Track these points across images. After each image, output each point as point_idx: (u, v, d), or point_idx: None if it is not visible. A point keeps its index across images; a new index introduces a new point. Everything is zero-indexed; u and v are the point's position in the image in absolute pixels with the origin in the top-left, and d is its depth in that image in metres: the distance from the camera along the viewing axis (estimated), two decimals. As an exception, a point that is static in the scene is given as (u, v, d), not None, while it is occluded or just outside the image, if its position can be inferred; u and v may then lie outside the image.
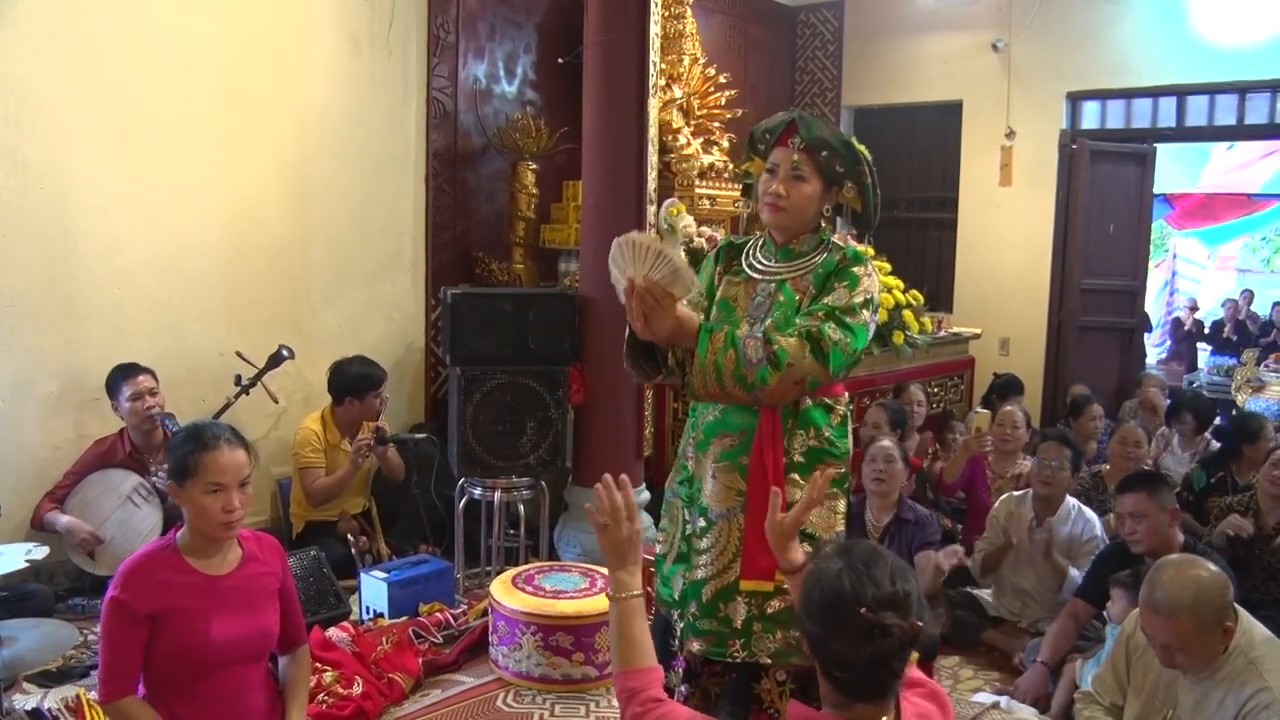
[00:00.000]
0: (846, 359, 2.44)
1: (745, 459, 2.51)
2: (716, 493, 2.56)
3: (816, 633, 1.70)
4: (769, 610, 2.48)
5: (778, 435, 2.49)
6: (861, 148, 2.58)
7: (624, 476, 2.10)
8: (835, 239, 2.64)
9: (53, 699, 3.31)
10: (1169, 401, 6.36)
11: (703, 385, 2.41)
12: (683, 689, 2.69)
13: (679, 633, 2.62)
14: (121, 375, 4.25)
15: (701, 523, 2.58)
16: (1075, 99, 7.28)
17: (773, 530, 2.13)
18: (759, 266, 2.62)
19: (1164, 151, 7.63)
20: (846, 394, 2.65)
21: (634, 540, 2.02)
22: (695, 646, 2.56)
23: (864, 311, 2.46)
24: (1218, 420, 6.05)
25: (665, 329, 2.34)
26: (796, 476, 2.51)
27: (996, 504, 4.51)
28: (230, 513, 2.42)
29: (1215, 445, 5.52)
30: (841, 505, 2.58)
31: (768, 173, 2.57)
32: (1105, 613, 3.56)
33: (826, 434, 2.54)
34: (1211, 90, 6.81)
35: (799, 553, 2.14)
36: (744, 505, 2.51)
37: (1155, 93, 7.02)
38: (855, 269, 2.50)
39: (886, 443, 4.25)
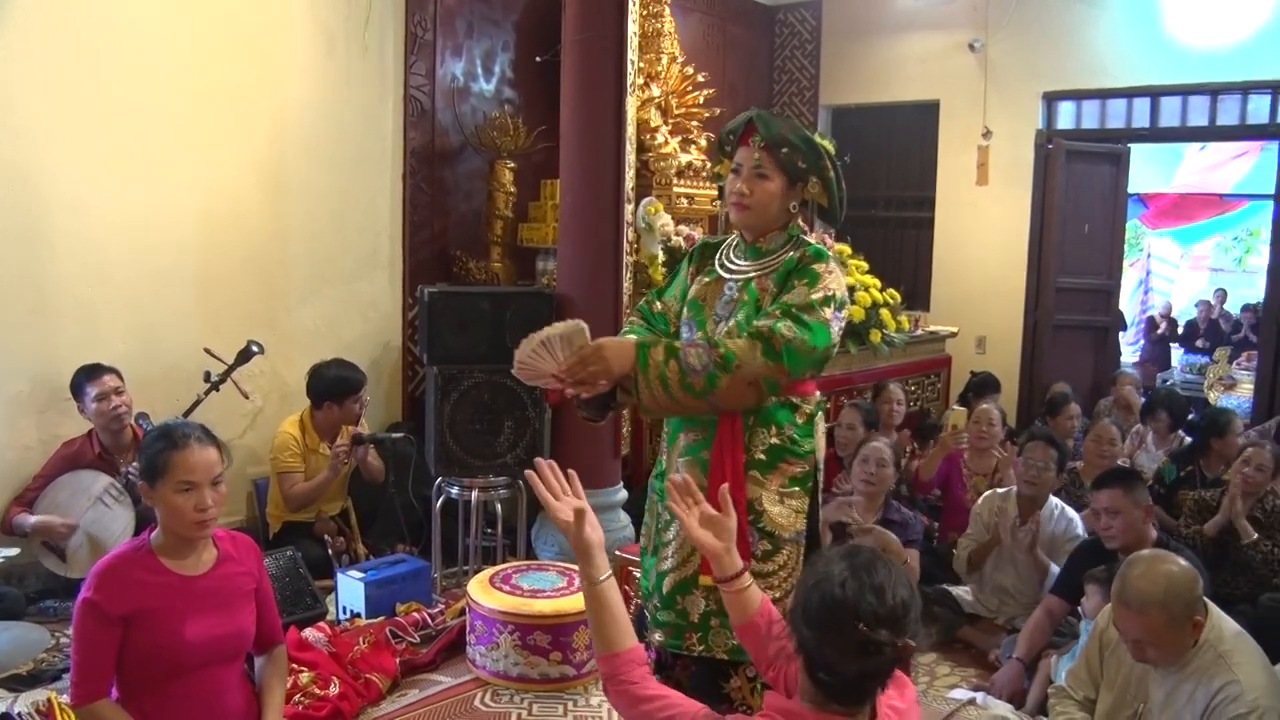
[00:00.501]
0: (805, 357, 2.41)
1: (707, 454, 2.53)
2: None
3: (810, 637, 1.70)
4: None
5: (737, 432, 2.50)
6: (825, 143, 2.59)
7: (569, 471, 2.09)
8: (810, 237, 2.65)
9: (23, 703, 3.26)
10: (1144, 399, 6.41)
11: (652, 400, 2.41)
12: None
13: (648, 623, 2.65)
14: (86, 376, 4.21)
15: (666, 515, 2.60)
16: (1051, 99, 7.32)
17: (721, 534, 2.08)
18: (730, 266, 2.64)
19: (1138, 152, 7.69)
20: (817, 393, 2.64)
21: (578, 533, 1.95)
22: (656, 637, 2.59)
23: (824, 309, 2.44)
24: (1191, 416, 6.12)
25: (609, 374, 2.40)
26: (757, 474, 2.52)
27: (980, 500, 4.53)
28: (203, 511, 2.39)
29: (1188, 440, 5.58)
30: (805, 504, 2.58)
31: (732, 173, 2.58)
32: (1080, 608, 3.59)
33: (789, 432, 2.54)
34: (1184, 92, 6.88)
35: (730, 556, 2.09)
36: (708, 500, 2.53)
37: (1129, 93, 7.08)
38: (816, 266, 2.50)
39: (881, 444, 4.27)
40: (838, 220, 2.67)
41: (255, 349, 4.54)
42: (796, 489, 2.56)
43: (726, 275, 2.63)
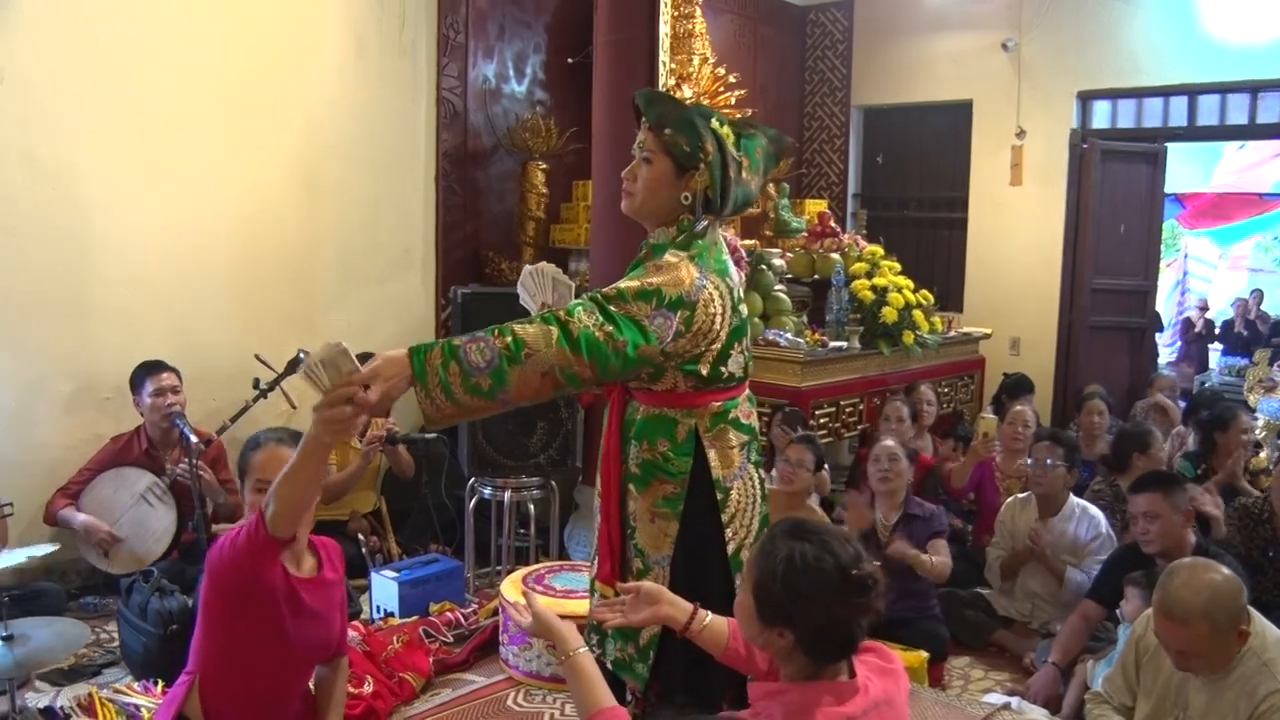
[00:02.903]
0: (610, 354, 2.11)
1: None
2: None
3: (812, 609, 1.75)
4: None
5: (612, 446, 2.42)
6: (719, 127, 2.33)
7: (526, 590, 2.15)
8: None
9: (65, 697, 3.33)
10: (1184, 402, 6.32)
11: (436, 411, 2.07)
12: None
13: None
14: (146, 371, 4.29)
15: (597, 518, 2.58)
16: (1086, 98, 7.25)
17: (650, 602, 2.12)
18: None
19: (1175, 151, 7.60)
20: (717, 403, 2.37)
21: (545, 626, 2.03)
22: None
23: (636, 302, 2.16)
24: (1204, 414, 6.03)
25: (393, 395, 2.06)
26: (632, 488, 2.39)
27: (1002, 507, 4.50)
28: None
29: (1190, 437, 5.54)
30: (673, 528, 2.37)
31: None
32: (1119, 612, 3.55)
33: (662, 449, 2.34)
34: (1223, 89, 6.78)
35: (677, 609, 2.11)
36: (600, 507, 2.48)
37: (1166, 92, 6.99)
38: (650, 260, 2.28)
39: (890, 442, 4.25)
40: (719, 212, 2.37)
41: (304, 357, 4.56)
42: (666, 509, 2.36)
43: None
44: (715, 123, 2.34)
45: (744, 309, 2.40)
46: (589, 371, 2.10)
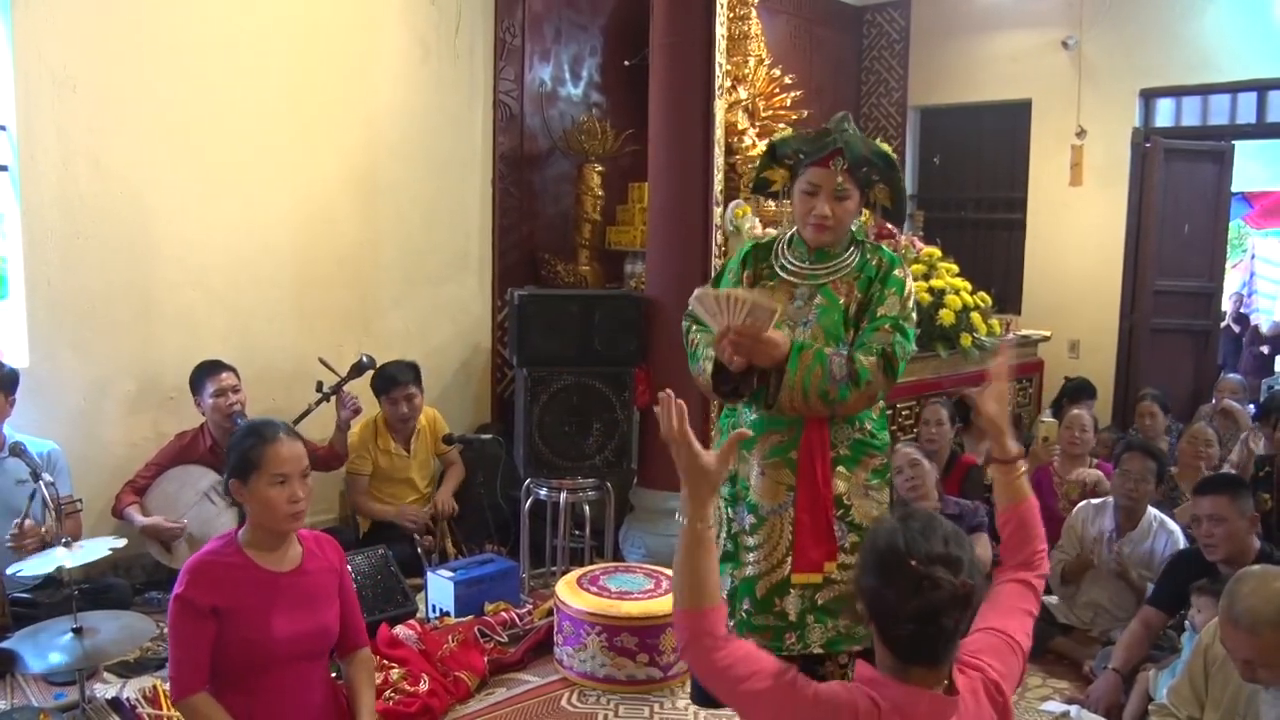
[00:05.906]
0: (905, 364, 2.62)
1: (795, 454, 2.62)
2: (766, 489, 2.66)
3: (872, 586, 1.74)
4: (819, 601, 2.62)
5: (825, 433, 2.62)
6: (886, 147, 2.74)
7: (679, 402, 1.97)
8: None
9: (131, 689, 3.41)
10: (1253, 405, 6.18)
11: (789, 402, 2.54)
12: None
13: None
14: (205, 372, 4.37)
15: (751, 520, 2.69)
16: (1149, 96, 7.12)
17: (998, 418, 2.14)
18: (791, 268, 2.72)
19: (1243, 149, 7.42)
20: None
21: (693, 466, 1.93)
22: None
23: (913, 313, 2.69)
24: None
25: (766, 361, 2.52)
26: (843, 469, 2.65)
27: (1074, 511, 4.41)
28: (295, 503, 2.46)
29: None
30: (886, 494, 2.73)
31: (807, 194, 2.64)
32: (1188, 621, 3.48)
33: (868, 427, 2.69)
34: (1295, 84, 6.63)
35: (1015, 444, 2.15)
36: (794, 500, 2.63)
37: (1234, 88, 6.84)
38: (897, 273, 2.68)
39: (908, 448, 4.24)
40: (903, 219, 2.95)
41: (366, 360, 4.63)
42: (878, 481, 2.71)
43: (792, 279, 2.70)
44: (879, 143, 2.74)
45: None
46: (892, 385, 2.63)
